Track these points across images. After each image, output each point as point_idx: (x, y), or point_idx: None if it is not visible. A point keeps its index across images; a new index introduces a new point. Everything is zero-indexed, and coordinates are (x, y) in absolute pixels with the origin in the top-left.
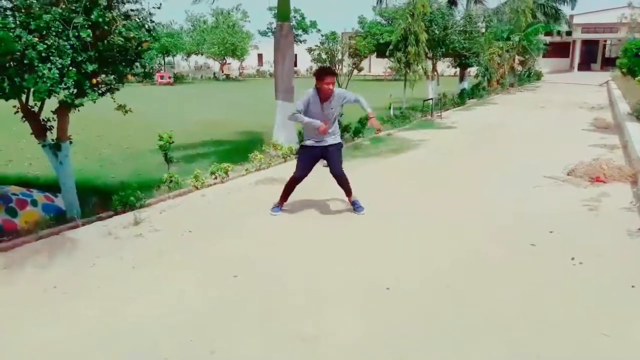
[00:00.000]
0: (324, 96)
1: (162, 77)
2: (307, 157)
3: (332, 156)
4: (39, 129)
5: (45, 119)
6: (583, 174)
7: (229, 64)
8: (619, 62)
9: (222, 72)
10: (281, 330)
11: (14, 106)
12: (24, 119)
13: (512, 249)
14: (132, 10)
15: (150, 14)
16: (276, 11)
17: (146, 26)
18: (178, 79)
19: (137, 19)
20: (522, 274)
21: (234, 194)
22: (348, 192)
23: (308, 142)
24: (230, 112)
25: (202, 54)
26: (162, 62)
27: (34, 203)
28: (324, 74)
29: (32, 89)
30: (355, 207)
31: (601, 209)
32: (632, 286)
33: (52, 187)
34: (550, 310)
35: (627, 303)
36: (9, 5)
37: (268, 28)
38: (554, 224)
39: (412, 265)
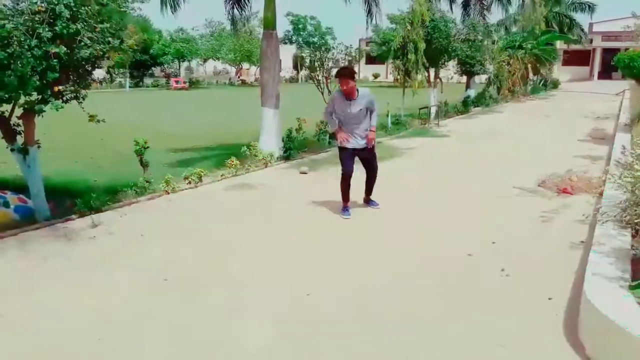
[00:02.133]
0: (347, 95)
1: (177, 82)
2: (348, 155)
3: (370, 154)
4: (9, 134)
5: (15, 124)
6: (552, 185)
7: (247, 69)
8: (625, 71)
9: (238, 77)
10: (191, 332)
11: None
12: None
13: (448, 259)
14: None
15: (122, 26)
16: (264, 19)
17: (117, 36)
18: (193, 83)
19: (108, 30)
20: (445, 285)
21: (201, 199)
22: (370, 191)
23: (345, 144)
24: (240, 117)
25: (219, 60)
26: (178, 66)
27: (6, 204)
28: (338, 75)
29: None
30: (370, 203)
31: (555, 221)
32: (550, 298)
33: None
34: (456, 321)
35: (533, 315)
36: None
37: (285, 34)
38: (501, 234)
39: (345, 273)
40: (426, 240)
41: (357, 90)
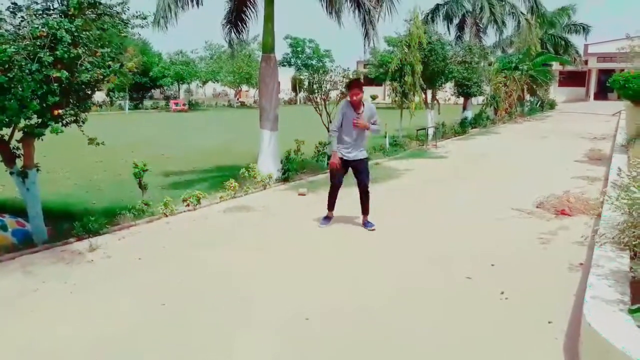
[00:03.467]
0: (355, 105)
1: (176, 104)
2: (338, 169)
3: (360, 170)
4: (8, 157)
5: (15, 147)
6: (550, 206)
7: (247, 91)
8: (621, 91)
9: (237, 99)
10: (189, 357)
11: None
12: None
13: (447, 282)
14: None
15: (122, 50)
16: (263, 43)
17: (117, 60)
18: (193, 105)
19: (108, 54)
20: (444, 307)
21: (199, 221)
22: (365, 210)
23: (337, 154)
24: (238, 139)
25: (218, 82)
26: (177, 88)
27: (4, 228)
28: (351, 86)
29: None
30: (366, 225)
31: (553, 243)
32: (549, 322)
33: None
34: (455, 343)
35: (533, 338)
36: None
37: (284, 57)
38: (500, 256)
39: (343, 295)
40: (424, 263)
41: (363, 102)
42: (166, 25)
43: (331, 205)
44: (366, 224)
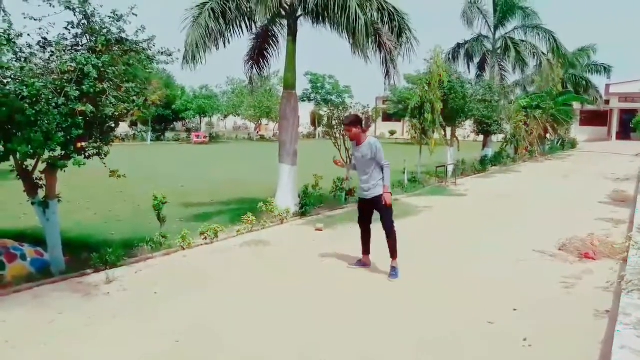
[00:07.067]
0: (352, 141)
1: (197, 137)
2: (360, 208)
3: (379, 209)
4: (31, 187)
5: (38, 178)
6: (574, 249)
7: (266, 125)
8: None
9: (258, 132)
10: None
11: (10, 165)
12: (18, 177)
13: (467, 327)
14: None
15: (147, 85)
16: (284, 80)
17: (142, 94)
18: (213, 138)
19: (132, 89)
20: (465, 354)
21: (216, 255)
22: (392, 253)
23: (359, 195)
24: (257, 172)
25: (239, 115)
26: (199, 121)
27: (23, 257)
28: (343, 123)
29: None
30: (390, 272)
31: (577, 288)
32: None
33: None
34: None
35: None
36: (9, 73)
37: (304, 92)
38: (522, 301)
39: (358, 341)
40: (444, 306)
41: (367, 138)
42: (194, 65)
43: (364, 249)
44: (390, 273)
